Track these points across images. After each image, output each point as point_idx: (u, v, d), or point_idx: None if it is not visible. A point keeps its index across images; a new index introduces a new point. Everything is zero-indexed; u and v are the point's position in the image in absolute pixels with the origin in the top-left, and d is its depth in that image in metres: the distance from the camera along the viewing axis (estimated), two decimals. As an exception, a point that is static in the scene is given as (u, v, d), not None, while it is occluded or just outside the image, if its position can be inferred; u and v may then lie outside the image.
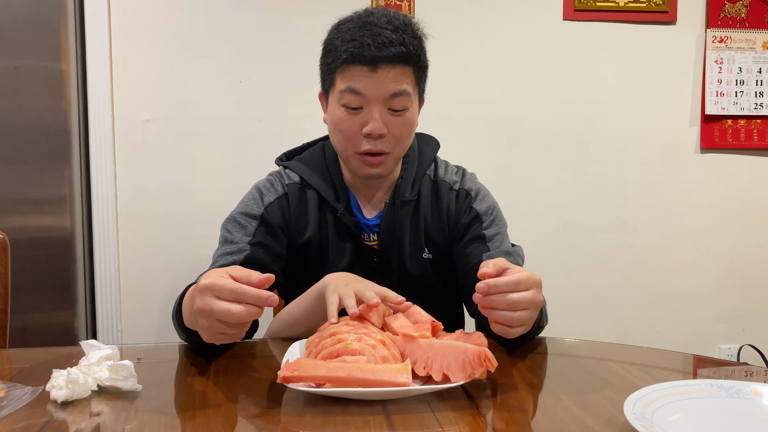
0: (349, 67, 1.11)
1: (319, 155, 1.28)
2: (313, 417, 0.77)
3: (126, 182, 1.99)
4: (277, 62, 2.03)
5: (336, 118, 1.15)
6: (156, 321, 2.03)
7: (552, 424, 0.76)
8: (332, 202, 1.22)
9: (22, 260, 1.77)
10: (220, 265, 1.14)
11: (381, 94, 1.11)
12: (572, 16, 2.15)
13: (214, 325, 0.82)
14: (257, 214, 1.21)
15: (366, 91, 1.11)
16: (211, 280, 0.81)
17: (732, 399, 0.79)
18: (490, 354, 0.82)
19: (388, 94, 1.11)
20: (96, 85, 1.95)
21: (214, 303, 0.80)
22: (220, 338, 0.85)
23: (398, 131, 1.14)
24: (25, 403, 0.81)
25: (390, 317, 0.96)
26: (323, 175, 1.25)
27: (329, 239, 1.23)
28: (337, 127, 1.16)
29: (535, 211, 2.17)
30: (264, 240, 1.18)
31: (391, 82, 1.11)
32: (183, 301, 0.98)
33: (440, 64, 2.09)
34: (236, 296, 0.80)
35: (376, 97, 1.11)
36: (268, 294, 0.80)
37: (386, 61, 1.10)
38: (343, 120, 1.14)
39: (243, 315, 0.80)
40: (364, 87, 1.11)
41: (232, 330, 0.83)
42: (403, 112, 1.14)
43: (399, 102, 1.13)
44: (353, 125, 1.14)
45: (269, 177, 1.28)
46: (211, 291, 0.80)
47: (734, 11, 2.20)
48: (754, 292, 2.31)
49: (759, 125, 2.25)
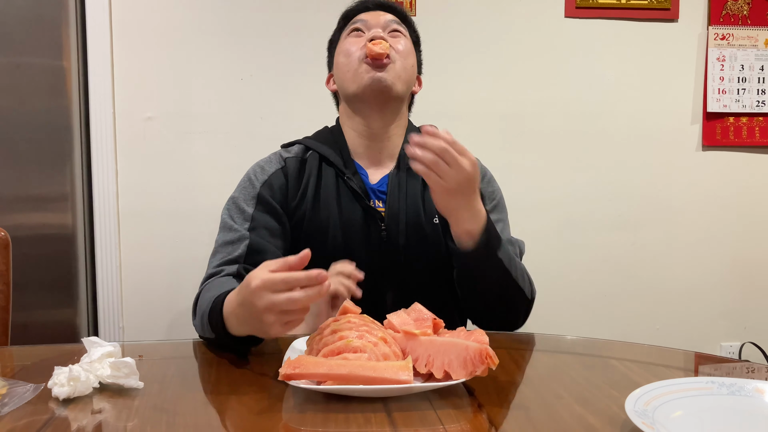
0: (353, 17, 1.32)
1: (324, 132, 1.36)
2: (315, 414, 0.78)
3: (127, 180, 1.99)
4: (278, 60, 2.03)
5: (342, 47, 1.29)
6: (158, 318, 2.03)
7: (553, 422, 0.76)
8: (339, 166, 1.26)
9: (24, 258, 1.77)
10: (222, 258, 1.16)
11: (380, 20, 1.30)
12: (574, 14, 2.14)
13: (281, 318, 0.86)
14: (254, 194, 1.23)
15: (367, 18, 1.30)
16: (261, 279, 0.84)
17: (733, 396, 0.79)
18: (491, 351, 0.82)
19: (387, 20, 1.30)
20: (97, 83, 1.95)
21: (275, 297, 0.84)
22: (287, 327, 0.88)
23: (398, 45, 1.27)
24: (27, 400, 0.81)
25: (391, 315, 0.96)
26: (329, 144, 1.30)
27: (333, 206, 1.24)
28: (343, 51, 1.29)
29: (536, 209, 2.17)
30: (263, 221, 1.20)
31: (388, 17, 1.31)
32: (226, 315, 0.95)
33: (441, 62, 2.10)
34: (289, 285, 0.83)
35: (376, 23, 1.29)
36: (317, 272, 0.83)
37: (384, 8, 1.33)
38: (349, 43, 1.28)
39: (305, 299, 0.84)
40: (365, 17, 1.30)
41: (297, 315, 0.87)
42: (401, 36, 1.29)
43: (396, 31, 1.30)
44: (359, 42, 1.27)
45: (268, 156, 1.32)
46: (266, 288, 0.84)
47: (736, 8, 2.19)
48: (756, 289, 2.30)
49: (761, 123, 2.25)
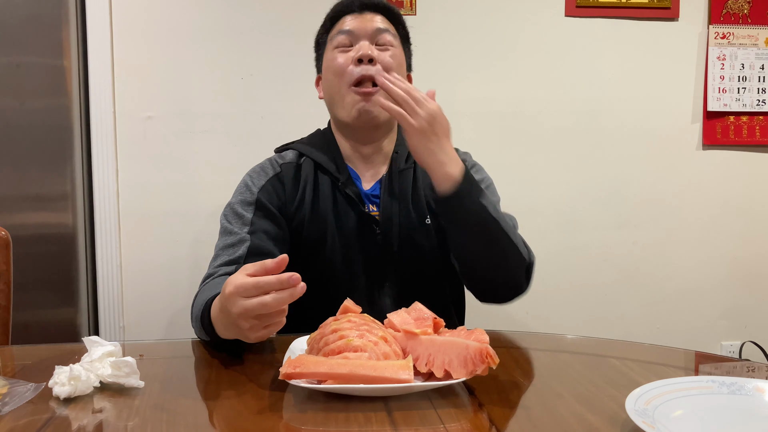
0: (339, 20, 1.29)
1: (317, 136, 1.36)
2: (315, 413, 0.78)
3: (128, 179, 1.99)
4: (278, 59, 2.03)
5: (329, 62, 1.27)
6: (158, 318, 2.03)
7: (554, 421, 0.76)
8: (333, 172, 1.26)
9: (25, 257, 1.77)
10: (223, 260, 1.16)
11: (368, 29, 1.26)
12: (574, 13, 2.14)
13: (256, 323, 0.85)
14: (252, 200, 1.23)
15: (354, 29, 1.26)
16: (234, 285, 0.83)
17: (734, 396, 0.79)
18: (491, 351, 0.82)
19: (374, 29, 1.26)
20: (97, 82, 1.94)
21: (247, 303, 0.82)
22: (266, 332, 0.87)
23: (386, 61, 1.24)
24: (28, 399, 0.81)
25: (391, 314, 0.96)
26: (323, 151, 1.30)
27: (329, 213, 1.25)
28: (329, 68, 1.27)
29: (536, 208, 2.17)
30: (262, 225, 1.20)
31: (375, 21, 1.27)
32: (213, 319, 0.96)
33: (441, 61, 2.10)
34: (261, 290, 0.82)
35: (363, 33, 1.26)
36: (288, 275, 0.82)
37: (371, 9, 1.29)
38: (335, 58, 1.26)
39: (275, 303, 0.82)
40: (352, 25, 1.26)
41: (274, 319, 0.85)
42: (389, 47, 1.26)
43: (384, 38, 1.26)
44: (345, 59, 1.24)
45: (262, 162, 1.32)
46: (238, 294, 0.83)
47: (737, 7, 2.19)
48: (756, 288, 2.30)
49: (761, 122, 2.25)
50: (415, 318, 0.95)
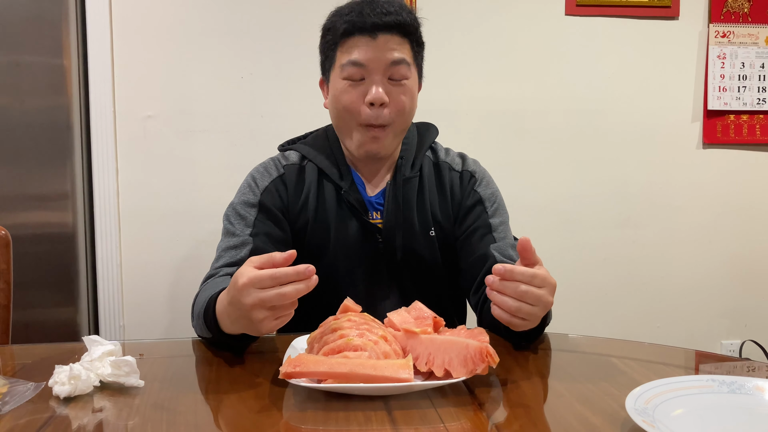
0: (349, 39, 1.15)
1: (322, 138, 1.30)
2: (315, 412, 0.78)
3: (128, 178, 1.99)
4: (278, 58, 2.03)
5: (338, 92, 1.17)
6: (158, 317, 2.03)
7: (554, 420, 0.76)
8: (336, 180, 1.23)
9: (25, 256, 1.78)
10: (225, 261, 1.16)
11: (381, 63, 1.14)
12: (574, 12, 2.14)
13: (269, 314, 0.85)
14: (255, 201, 1.22)
15: (366, 61, 1.14)
16: (248, 277, 0.83)
17: (734, 394, 0.79)
18: (491, 350, 0.82)
19: (388, 62, 1.14)
20: (97, 82, 1.95)
21: (262, 294, 0.83)
22: (276, 323, 0.87)
23: (399, 101, 1.16)
24: (28, 398, 0.81)
25: (391, 313, 0.96)
26: (327, 155, 1.26)
27: (332, 219, 1.23)
28: (338, 101, 1.17)
29: (537, 207, 2.17)
30: (265, 228, 1.20)
31: (390, 50, 1.14)
32: (218, 314, 0.95)
33: (441, 60, 2.10)
34: (277, 281, 0.82)
35: (377, 67, 1.14)
36: (305, 266, 0.82)
37: (385, 29, 1.14)
38: (345, 92, 1.16)
39: (295, 293, 0.82)
40: (365, 57, 1.14)
41: (287, 311, 0.86)
42: (403, 82, 1.17)
43: (399, 71, 1.16)
44: (355, 96, 1.16)
45: (265, 162, 1.29)
46: (253, 285, 0.83)
47: (737, 6, 2.19)
48: (757, 287, 2.30)
49: (761, 120, 2.25)
50: (415, 317, 0.95)
